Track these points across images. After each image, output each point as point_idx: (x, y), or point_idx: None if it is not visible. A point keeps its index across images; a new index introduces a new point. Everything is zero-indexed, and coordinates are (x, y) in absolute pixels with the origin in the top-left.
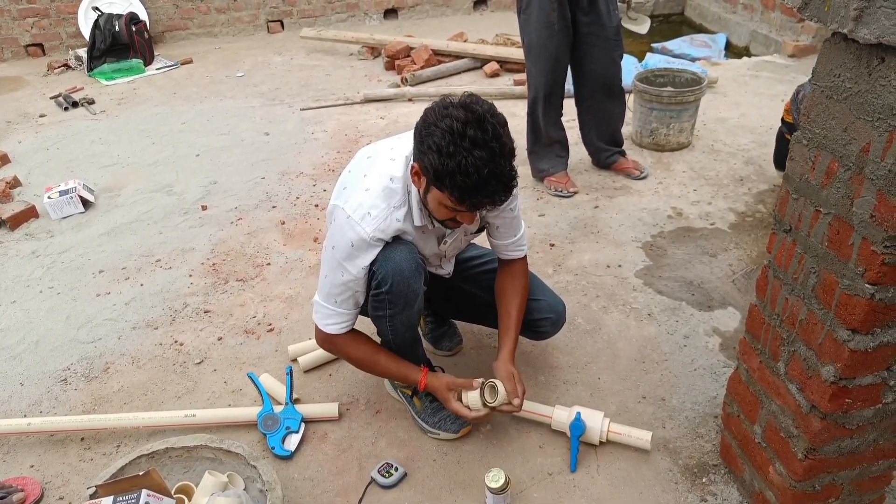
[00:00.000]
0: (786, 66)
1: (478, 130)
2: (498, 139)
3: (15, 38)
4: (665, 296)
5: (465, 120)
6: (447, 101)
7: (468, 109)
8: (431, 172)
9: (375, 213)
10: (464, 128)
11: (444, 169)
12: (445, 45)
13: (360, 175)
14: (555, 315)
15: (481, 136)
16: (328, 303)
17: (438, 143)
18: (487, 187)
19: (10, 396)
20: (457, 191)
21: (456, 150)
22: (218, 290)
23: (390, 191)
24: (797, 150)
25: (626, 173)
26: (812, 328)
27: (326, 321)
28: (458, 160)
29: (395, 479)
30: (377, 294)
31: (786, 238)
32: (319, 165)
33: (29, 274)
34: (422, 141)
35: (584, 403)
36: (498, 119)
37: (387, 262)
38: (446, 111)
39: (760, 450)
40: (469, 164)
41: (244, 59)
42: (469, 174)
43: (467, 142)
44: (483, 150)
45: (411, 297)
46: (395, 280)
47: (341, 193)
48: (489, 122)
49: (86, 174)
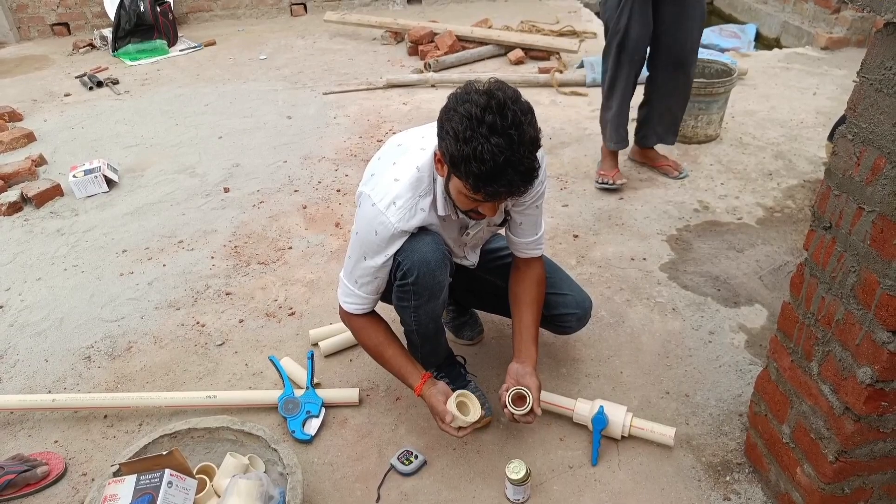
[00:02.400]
0: (818, 58)
1: (497, 117)
2: (518, 127)
3: (41, 17)
4: (690, 290)
5: (484, 105)
6: (471, 86)
7: (490, 95)
8: (448, 158)
9: (401, 202)
10: (483, 113)
11: (459, 154)
12: (470, 31)
13: (390, 163)
14: (580, 311)
15: (500, 123)
16: (349, 282)
17: (456, 129)
18: (504, 176)
19: (34, 372)
20: (472, 178)
21: (473, 136)
22: (239, 272)
23: (418, 180)
24: (841, 145)
25: (665, 172)
26: (849, 328)
27: (346, 299)
28: (475, 146)
29: (414, 466)
30: (402, 285)
31: (825, 235)
32: (341, 150)
33: (54, 252)
34: (442, 126)
35: (606, 397)
36: (521, 106)
37: (413, 252)
38: (468, 96)
39: (788, 450)
40: (485, 151)
41: (267, 42)
42: (484, 161)
43: (485, 128)
44: (501, 136)
45: (436, 288)
46: (421, 271)
47: (369, 180)
48: (510, 108)
49: (110, 154)
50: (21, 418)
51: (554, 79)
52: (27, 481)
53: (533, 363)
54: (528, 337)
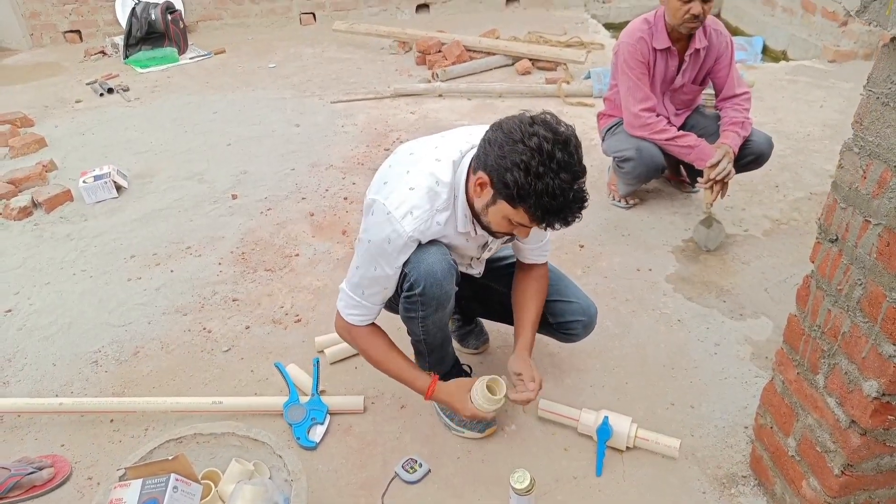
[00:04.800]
0: (825, 71)
1: (564, 153)
2: (580, 163)
3: (54, 24)
4: (695, 302)
5: (553, 141)
6: (529, 117)
7: (555, 131)
8: (514, 190)
9: (418, 213)
10: (553, 149)
11: (529, 188)
12: (477, 41)
13: (403, 171)
14: (586, 318)
15: (567, 160)
16: (355, 293)
17: (527, 163)
18: (569, 210)
19: (42, 376)
20: (540, 211)
21: (545, 172)
22: (246, 278)
23: (435, 193)
24: (847, 158)
25: (678, 185)
26: (855, 341)
27: (350, 311)
28: (547, 182)
29: (419, 474)
30: (409, 296)
31: (831, 248)
32: (349, 158)
33: (63, 256)
34: (503, 157)
35: (611, 407)
36: (577, 142)
37: (419, 264)
38: (532, 129)
39: (794, 463)
40: (556, 187)
41: (276, 51)
42: (555, 196)
43: (555, 164)
44: (569, 173)
45: (444, 299)
46: (428, 283)
47: (381, 188)
48: (573, 144)
49: (119, 160)
50: (28, 421)
51: (561, 90)
52: (33, 483)
53: (523, 347)
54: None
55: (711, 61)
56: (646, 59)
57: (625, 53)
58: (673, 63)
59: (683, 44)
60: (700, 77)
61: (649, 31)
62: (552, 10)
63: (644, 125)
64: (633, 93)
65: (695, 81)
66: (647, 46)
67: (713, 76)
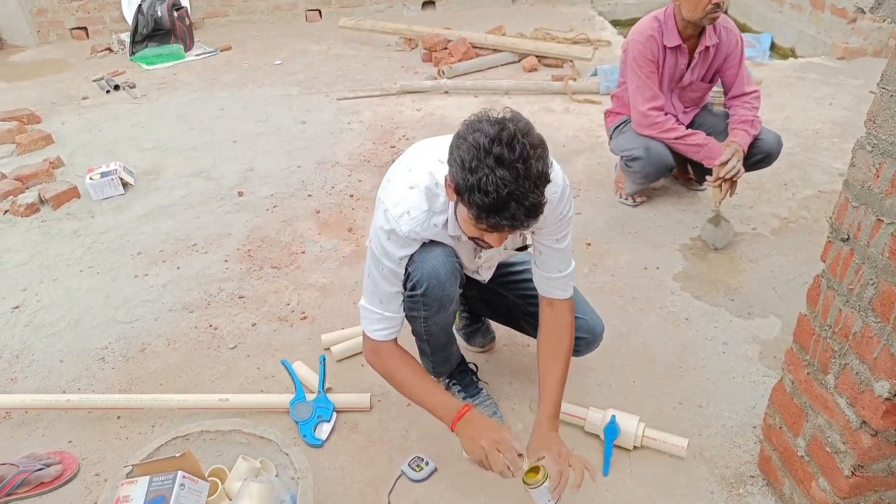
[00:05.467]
0: (834, 68)
1: (505, 149)
2: (525, 161)
3: (61, 21)
4: (703, 300)
5: (494, 136)
6: (484, 114)
7: (501, 126)
8: (453, 186)
9: (415, 213)
10: (491, 144)
11: (464, 183)
12: (483, 38)
13: (406, 169)
14: (591, 336)
15: (507, 155)
16: (373, 305)
17: (463, 157)
18: (507, 209)
19: (49, 372)
20: (475, 208)
21: (479, 166)
22: (253, 276)
23: (433, 194)
24: (860, 157)
25: (686, 183)
26: (867, 341)
27: (374, 327)
28: (479, 176)
29: (425, 473)
30: (412, 296)
31: (842, 247)
32: (355, 156)
33: (70, 253)
34: (451, 152)
35: (618, 406)
36: (531, 140)
37: (423, 264)
38: (479, 125)
39: (803, 463)
40: (489, 183)
41: (282, 47)
42: (488, 192)
43: (491, 159)
44: (507, 169)
45: (446, 300)
46: (431, 283)
47: (385, 186)
48: (519, 141)
49: (126, 156)
50: (36, 418)
51: (567, 87)
52: (41, 480)
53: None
54: (545, 392)
55: (721, 59)
56: (655, 57)
57: (634, 51)
58: (682, 61)
59: (693, 41)
60: (709, 75)
61: (659, 29)
62: (558, 7)
63: (652, 124)
64: (641, 91)
65: (704, 79)
66: (657, 44)
67: (722, 74)
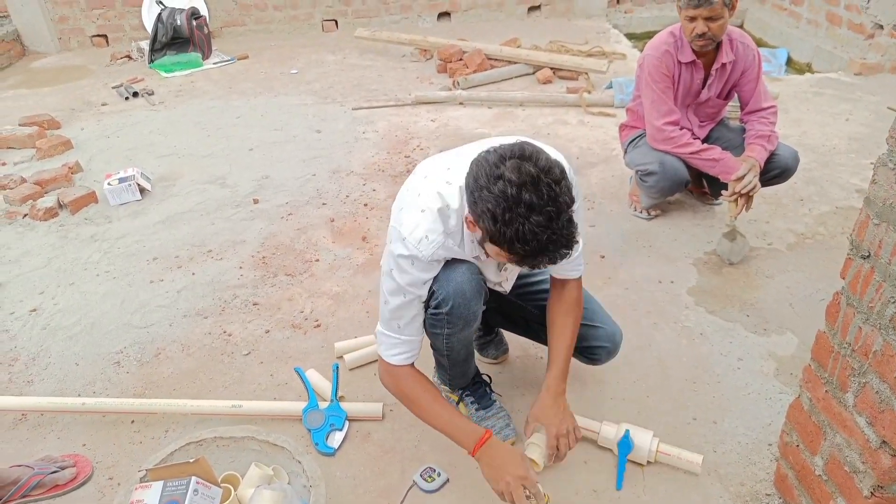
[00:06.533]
0: (851, 84)
1: (533, 195)
2: (554, 201)
3: (82, 29)
4: (718, 316)
5: (519, 183)
6: (495, 156)
7: (520, 171)
8: (488, 237)
9: (433, 236)
10: (518, 192)
11: (501, 237)
12: (498, 49)
13: (415, 194)
14: (611, 345)
15: (537, 201)
16: (391, 330)
17: (493, 211)
18: (546, 252)
19: (65, 375)
20: (517, 256)
21: (512, 219)
22: (267, 283)
23: (445, 216)
24: (881, 174)
25: (701, 197)
26: (887, 360)
27: (390, 351)
28: (516, 228)
29: (437, 484)
30: (436, 314)
31: (863, 265)
32: (370, 165)
33: (87, 257)
34: (475, 203)
35: (631, 421)
36: (553, 176)
37: (448, 282)
38: (498, 171)
39: (821, 483)
40: (527, 232)
41: (298, 57)
42: (527, 241)
43: (523, 208)
44: (540, 215)
45: (471, 318)
46: (457, 301)
47: (398, 215)
48: (543, 181)
49: (143, 163)
50: (51, 420)
51: (582, 99)
52: (55, 482)
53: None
54: (557, 371)
55: (738, 75)
56: (671, 72)
57: (650, 66)
58: (698, 76)
59: (710, 57)
60: (726, 91)
61: (675, 45)
62: (573, 20)
63: (667, 139)
64: (656, 106)
65: (720, 96)
66: (673, 59)
67: (739, 89)
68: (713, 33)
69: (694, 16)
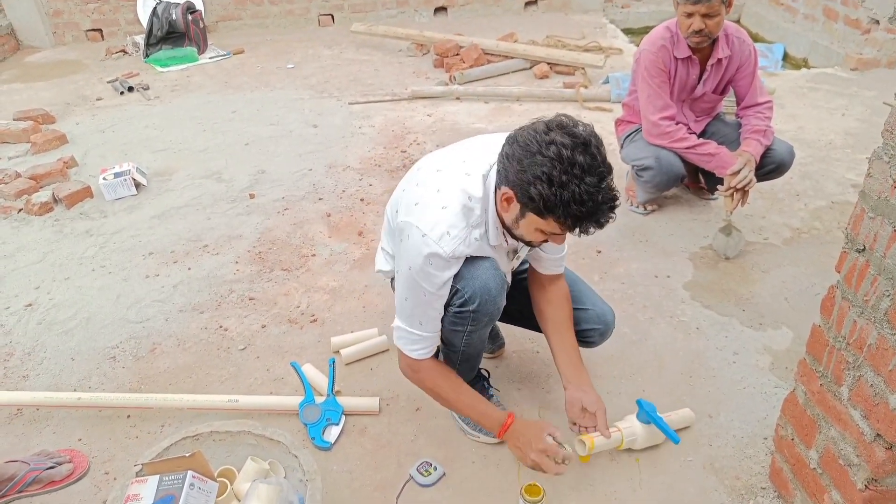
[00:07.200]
0: (847, 79)
1: (586, 156)
2: (604, 162)
3: (76, 23)
4: (714, 310)
5: (572, 146)
6: (544, 124)
7: (572, 135)
8: (540, 203)
9: (455, 232)
10: (573, 154)
11: (557, 199)
12: (495, 44)
13: (433, 190)
14: (603, 326)
15: (590, 162)
16: (412, 326)
17: (549, 174)
18: (600, 213)
19: (61, 370)
20: (571, 219)
21: (569, 180)
22: (263, 278)
23: (468, 209)
24: (877, 167)
25: (697, 192)
26: (882, 353)
27: (412, 346)
28: (573, 189)
29: (433, 478)
30: (461, 312)
31: (858, 258)
32: (366, 160)
33: (82, 252)
34: (523, 170)
35: (627, 415)
36: (599, 140)
37: (473, 280)
38: (549, 137)
39: (815, 476)
40: (583, 192)
41: (294, 51)
42: (584, 202)
43: (578, 169)
44: (594, 175)
45: (495, 314)
46: (483, 299)
47: (412, 210)
48: (593, 144)
49: (139, 157)
50: (47, 415)
51: (579, 94)
52: (52, 478)
53: (588, 384)
54: (575, 360)
55: (733, 70)
56: (667, 67)
57: (646, 61)
58: (694, 72)
59: (705, 52)
60: (721, 86)
61: (671, 40)
62: (570, 15)
63: (663, 133)
64: (652, 101)
65: (716, 91)
66: (669, 55)
67: (735, 84)
68: (710, 30)
69: (691, 12)
